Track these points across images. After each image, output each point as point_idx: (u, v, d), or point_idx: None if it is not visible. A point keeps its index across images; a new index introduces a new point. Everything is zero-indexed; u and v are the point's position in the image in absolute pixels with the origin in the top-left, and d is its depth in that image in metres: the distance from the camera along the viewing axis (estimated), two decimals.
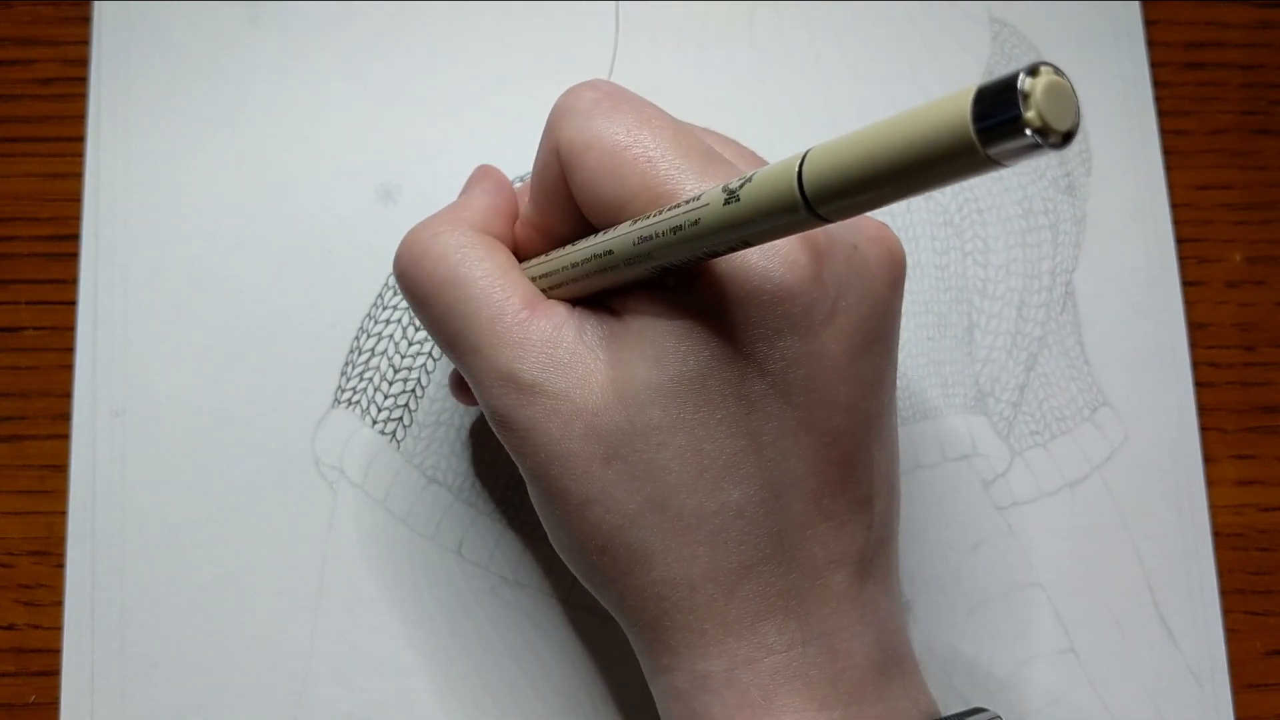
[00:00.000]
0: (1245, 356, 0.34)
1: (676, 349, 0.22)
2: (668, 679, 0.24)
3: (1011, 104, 0.14)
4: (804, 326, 0.22)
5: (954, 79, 0.35)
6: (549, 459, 0.23)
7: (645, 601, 0.23)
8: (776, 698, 0.22)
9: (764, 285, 0.22)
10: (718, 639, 0.23)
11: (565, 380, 0.23)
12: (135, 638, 0.29)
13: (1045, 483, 0.32)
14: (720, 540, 0.22)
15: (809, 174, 0.17)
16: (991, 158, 0.15)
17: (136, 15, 0.33)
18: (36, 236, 0.32)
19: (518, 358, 0.23)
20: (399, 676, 0.30)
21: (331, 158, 0.32)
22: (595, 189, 0.23)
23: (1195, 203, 0.35)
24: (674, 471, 0.22)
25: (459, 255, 0.24)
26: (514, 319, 0.23)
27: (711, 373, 0.22)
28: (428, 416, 0.31)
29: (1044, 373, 0.33)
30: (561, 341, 0.23)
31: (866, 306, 0.23)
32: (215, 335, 0.31)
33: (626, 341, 0.23)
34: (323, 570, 0.30)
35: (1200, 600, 0.32)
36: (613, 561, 0.23)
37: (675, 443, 0.22)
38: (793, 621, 0.23)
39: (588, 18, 0.34)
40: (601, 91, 0.23)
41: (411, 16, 0.34)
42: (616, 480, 0.23)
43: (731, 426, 0.22)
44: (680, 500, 0.22)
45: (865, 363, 0.23)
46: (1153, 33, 0.35)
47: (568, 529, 0.24)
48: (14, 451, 0.31)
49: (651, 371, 0.22)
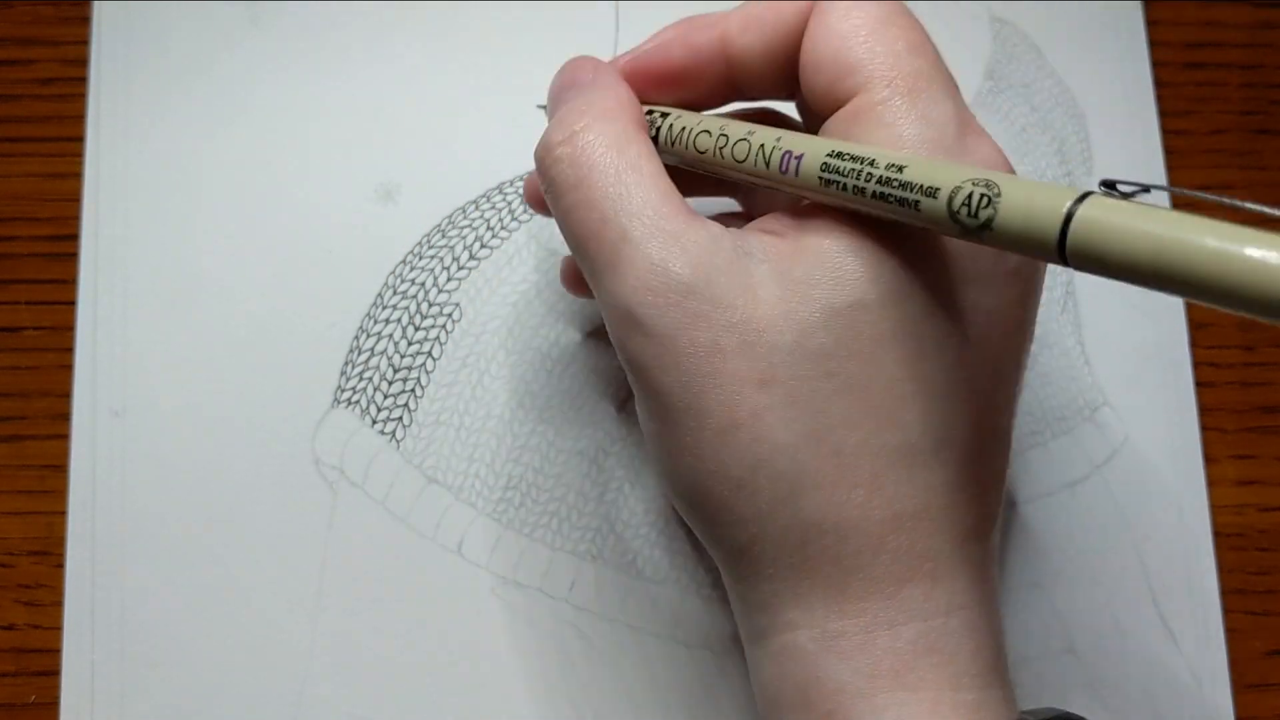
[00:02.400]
0: (1245, 356, 0.34)
1: (861, 273, 0.20)
2: (790, 637, 0.21)
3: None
4: (991, 281, 0.21)
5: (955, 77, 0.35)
6: (691, 374, 0.21)
7: (784, 547, 0.21)
8: (912, 670, 0.21)
9: None
10: (858, 596, 0.21)
11: (724, 285, 0.21)
12: (135, 638, 0.29)
13: (1046, 483, 0.32)
14: (878, 485, 0.21)
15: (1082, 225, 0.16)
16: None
17: (136, 15, 0.33)
18: (36, 236, 0.32)
19: (673, 252, 0.21)
20: (399, 676, 0.30)
21: (331, 158, 0.32)
22: (846, 40, 0.21)
23: (1195, 203, 0.34)
24: (840, 403, 0.20)
25: (624, 142, 0.22)
26: (675, 216, 0.21)
27: (893, 305, 0.20)
28: (427, 416, 0.31)
29: (1044, 372, 0.33)
30: (721, 248, 0.21)
31: (1039, 279, 0.22)
32: (215, 335, 0.31)
33: (800, 259, 0.21)
34: (323, 570, 0.30)
35: (1200, 600, 0.32)
36: (750, 497, 0.21)
37: (845, 372, 0.20)
38: (939, 588, 0.21)
39: (587, 18, 0.34)
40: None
41: (411, 16, 0.34)
42: (771, 405, 0.20)
43: (905, 367, 0.21)
44: (842, 436, 0.20)
45: (1026, 335, 0.22)
46: (1153, 33, 0.35)
47: (698, 458, 0.21)
48: (14, 451, 0.31)
49: (830, 293, 0.20)
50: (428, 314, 0.32)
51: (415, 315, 0.32)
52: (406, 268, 0.32)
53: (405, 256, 0.32)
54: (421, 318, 0.32)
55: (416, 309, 0.32)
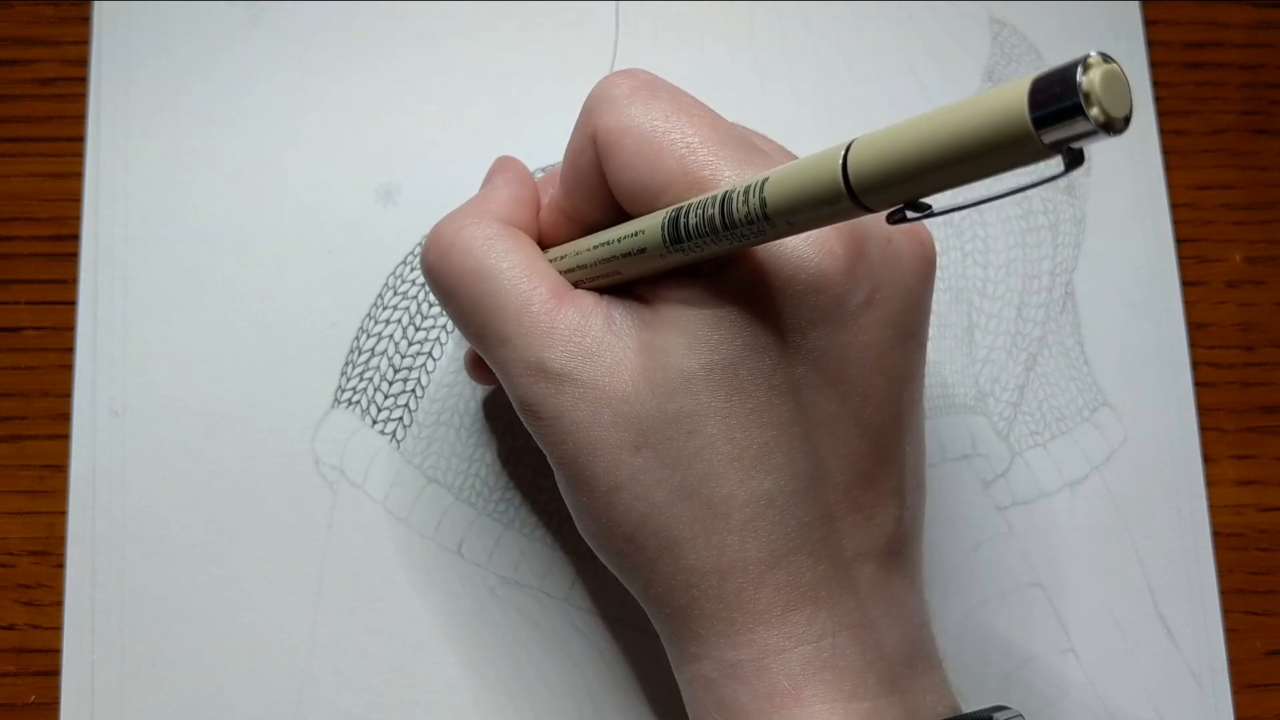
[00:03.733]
0: (1245, 356, 0.34)
1: (710, 337, 0.22)
2: (696, 667, 0.23)
3: (1070, 90, 0.15)
4: (837, 317, 0.22)
5: (954, 79, 0.35)
6: (577, 446, 0.23)
7: (673, 590, 0.23)
8: (806, 687, 0.22)
9: (799, 275, 0.22)
10: (747, 628, 0.22)
11: (594, 368, 0.23)
12: (135, 638, 0.29)
13: (1045, 483, 0.32)
14: (750, 529, 0.22)
15: (854, 162, 0.17)
16: (1047, 145, 0.15)
17: (136, 15, 0.33)
18: (36, 236, 0.32)
19: (546, 347, 0.23)
20: (399, 676, 0.30)
21: (331, 158, 0.32)
22: (632, 174, 0.23)
23: (1195, 203, 0.35)
24: (704, 459, 0.22)
25: (485, 247, 0.24)
26: (541, 309, 0.23)
27: (744, 361, 0.22)
28: (428, 416, 0.31)
29: (1044, 373, 0.33)
30: (589, 330, 0.23)
31: (900, 300, 0.23)
32: (215, 335, 0.31)
33: (657, 328, 0.23)
34: (323, 570, 0.30)
35: (1200, 600, 0.32)
36: (640, 549, 0.23)
37: (706, 431, 0.22)
38: (822, 612, 0.22)
39: (588, 18, 0.34)
40: (639, 80, 0.23)
41: (412, 16, 0.34)
42: (645, 467, 0.22)
43: (763, 416, 0.22)
44: (710, 489, 0.22)
45: (898, 355, 0.23)
46: (1152, 33, 0.35)
47: (595, 516, 0.24)
48: (14, 451, 0.31)
49: (684, 359, 0.22)
50: (428, 314, 0.32)
51: (415, 316, 0.32)
52: (407, 268, 0.32)
53: (405, 257, 0.32)
54: (422, 318, 0.32)
55: (417, 309, 0.32)
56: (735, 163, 0.22)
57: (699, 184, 0.22)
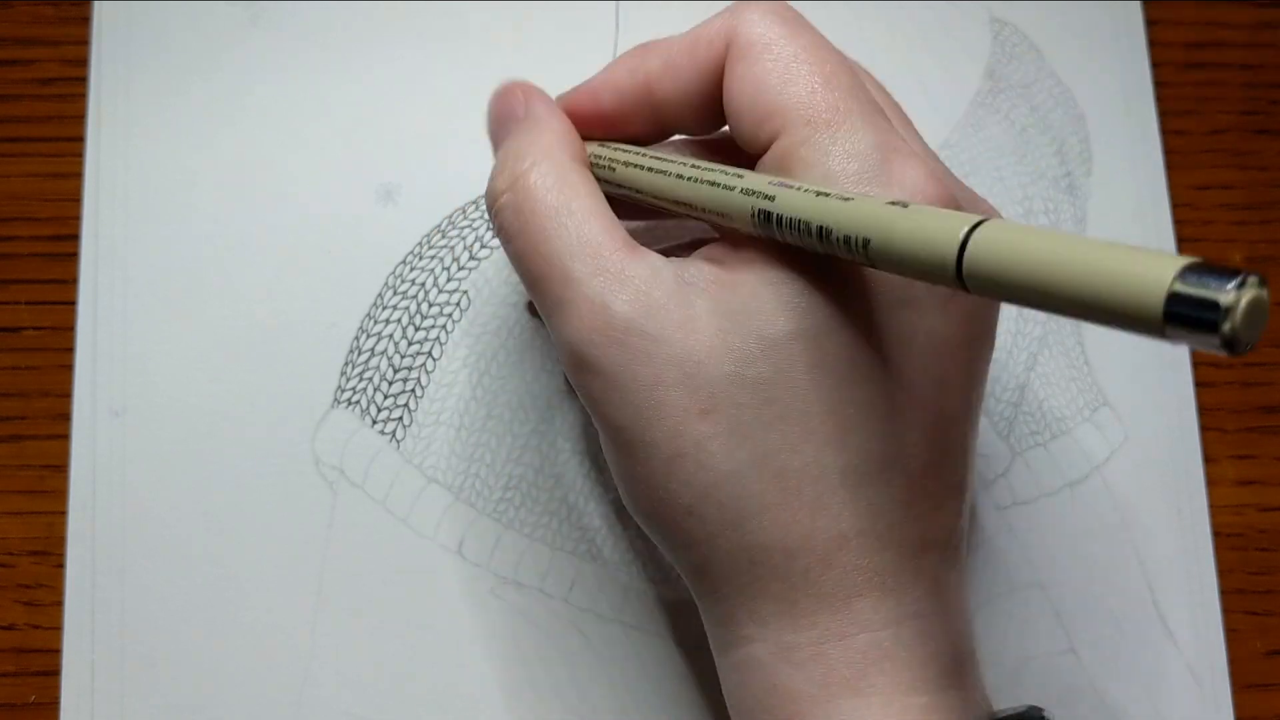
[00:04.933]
0: (1245, 356, 0.34)
1: (796, 303, 0.21)
2: (747, 649, 0.23)
3: (1211, 320, 0.14)
4: (926, 302, 0.22)
5: (954, 79, 0.35)
6: (637, 408, 0.22)
7: (735, 567, 0.22)
8: (865, 677, 0.21)
9: None
10: (809, 611, 0.22)
11: (664, 322, 0.22)
12: (135, 638, 0.29)
13: (1045, 483, 0.32)
14: (821, 507, 0.21)
15: (975, 250, 0.17)
16: (1166, 336, 0.15)
17: (136, 15, 0.33)
18: (36, 236, 0.32)
19: (614, 290, 0.22)
20: (399, 676, 0.30)
21: (331, 158, 0.32)
22: (755, 88, 0.22)
23: (1195, 203, 0.35)
24: (778, 431, 0.21)
25: (559, 186, 0.23)
26: (613, 254, 0.22)
27: (829, 334, 0.21)
28: (428, 416, 0.31)
29: (1044, 373, 0.33)
30: (661, 283, 0.22)
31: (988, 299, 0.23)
32: (215, 335, 0.31)
33: (737, 290, 0.22)
34: (322, 570, 0.30)
35: (1200, 600, 0.32)
36: (699, 523, 0.22)
37: (783, 400, 0.21)
38: (889, 599, 0.22)
39: (587, 18, 0.34)
40: (791, 11, 0.23)
41: (411, 16, 0.34)
42: (713, 435, 0.21)
43: (843, 392, 0.21)
44: (782, 461, 0.21)
45: (975, 350, 0.23)
46: (1153, 33, 0.35)
47: (651, 486, 0.22)
48: (14, 451, 0.31)
49: (766, 324, 0.21)
50: (428, 314, 0.32)
51: (415, 315, 0.32)
52: (407, 268, 0.32)
53: (405, 257, 0.32)
54: (422, 318, 0.32)
55: (417, 309, 0.32)
56: (857, 119, 0.21)
57: (813, 124, 0.21)
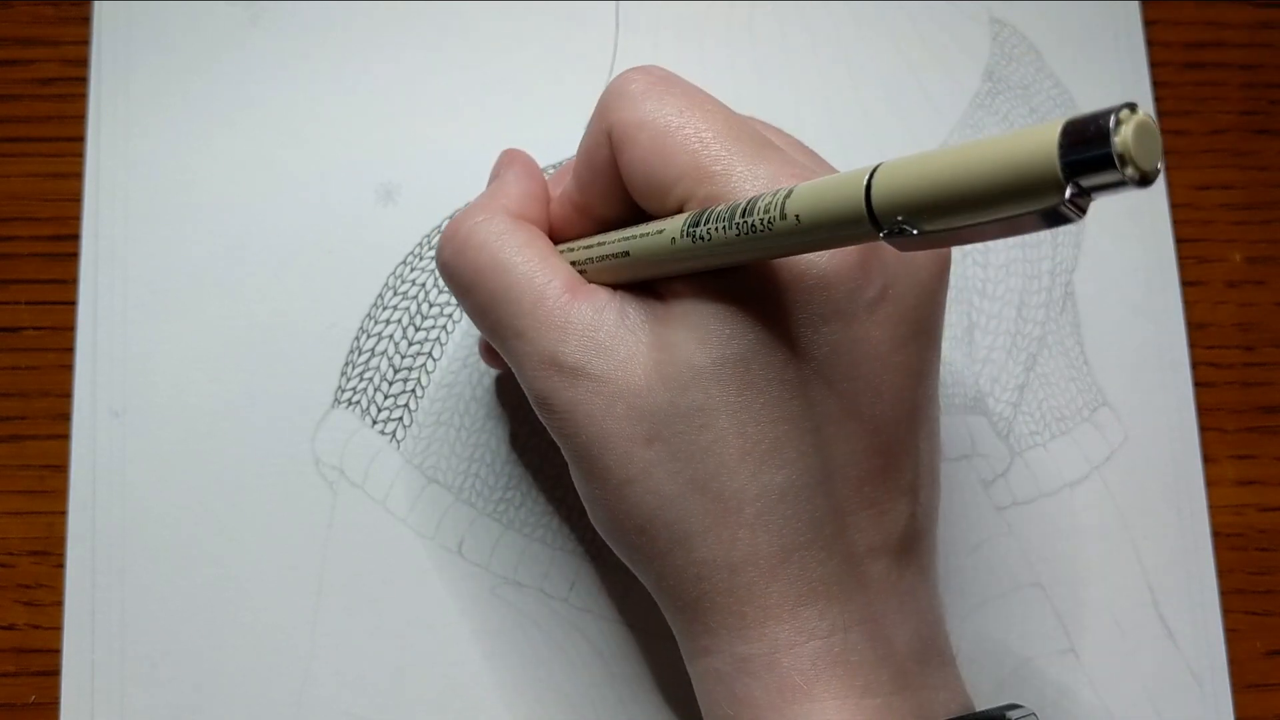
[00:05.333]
0: (1245, 356, 0.34)
1: (721, 331, 0.22)
2: (707, 661, 0.24)
3: (1102, 138, 0.14)
4: (849, 313, 0.22)
5: (954, 79, 0.35)
6: (590, 439, 0.23)
7: (684, 583, 0.23)
8: (818, 683, 0.22)
9: (811, 270, 0.22)
10: (758, 622, 0.23)
11: (607, 362, 0.23)
12: (135, 638, 0.29)
13: (1045, 483, 0.32)
14: (761, 524, 0.22)
15: (879, 190, 0.17)
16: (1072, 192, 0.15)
17: (136, 15, 0.33)
18: (36, 236, 0.32)
19: (560, 341, 0.23)
20: (399, 676, 0.30)
21: (331, 158, 0.32)
22: (645, 168, 0.23)
23: (1195, 203, 0.35)
24: (715, 454, 0.22)
25: (500, 242, 0.24)
26: (555, 303, 0.24)
27: (756, 356, 0.22)
28: (428, 416, 0.31)
29: (1043, 373, 0.33)
30: (603, 325, 0.23)
31: (913, 295, 0.23)
32: (215, 335, 0.31)
33: (670, 324, 0.23)
34: (323, 570, 0.30)
35: (1200, 600, 0.32)
36: (651, 541, 0.23)
37: (718, 425, 0.22)
38: (834, 607, 0.22)
39: (588, 18, 0.34)
40: (654, 76, 0.24)
41: (411, 16, 0.34)
42: (657, 461, 0.23)
43: (775, 411, 0.22)
44: (721, 482, 0.22)
45: (911, 351, 0.23)
46: (1152, 33, 0.35)
47: (608, 508, 0.24)
48: (14, 451, 0.31)
49: (695, 353, 0.22)
50: (428, 314, 0.32)
51: (415, 316, 0.32)
52: (407, 268, 0.32)
53: (405, 257, 0.32)
54: (422, 318, 0.32)
55: (417, 309, 0.32)
56: (747, 159, 0.22)
57: (709, 179, 0.22)
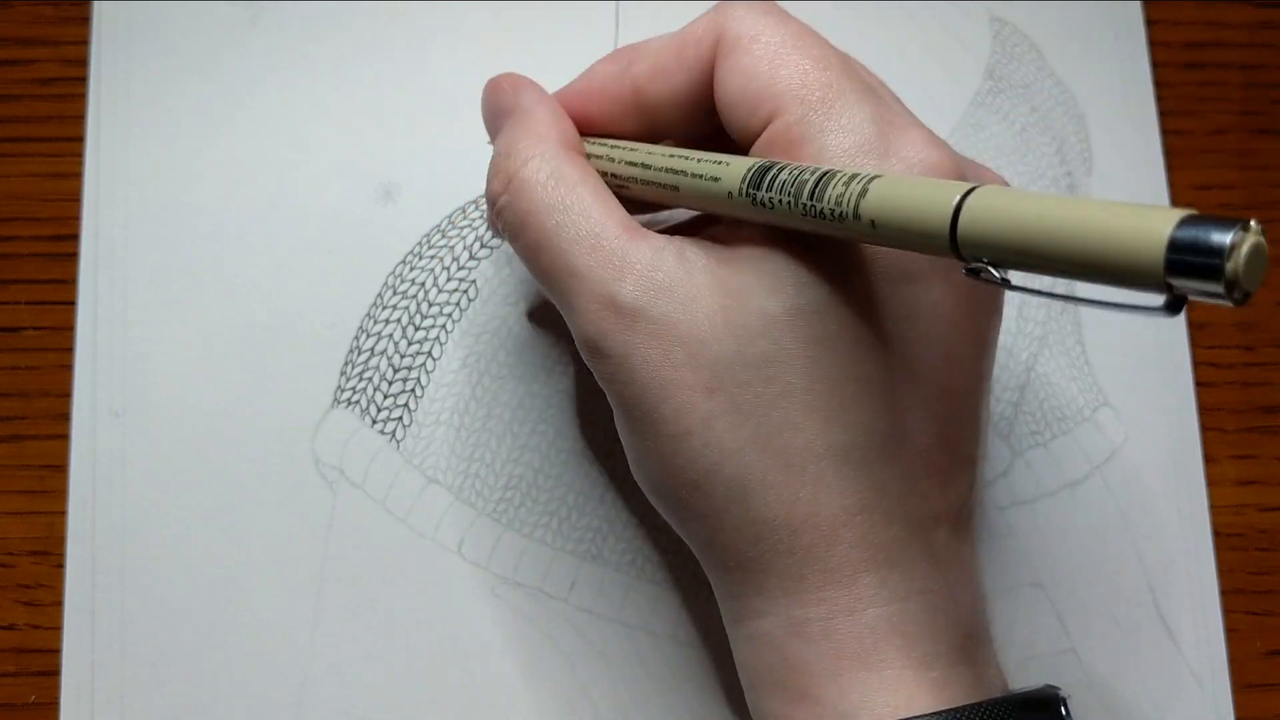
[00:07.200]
0: (1245, 356, 0.34)
1: (796, 280, 0.21)
2: (758, 623, 0.23)
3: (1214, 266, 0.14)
4: (929, 276, 0.22)
5: (954, 79, 0.35)
6: (645, 387, 0.22)
7: (740, 542, 0.22)
8: (875, 651, 0.22)
9: None
10: (817, 586, 0.22)
11: (668, 304, 0.22)
12: (135, 638, 0.29)
13: (1046, 483, 0.32)
14: (824, 484, 0.22)
15: (969, 215, 0.17)
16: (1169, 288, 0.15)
17: (136, 15, 0.33)
18: (36, 236, 0.32)
19: (618, 279, 0.22)
20: (399, 677, 0.30)
21: (331, 157, 0.32)
22: (747, 78, 0.22)
23: (1196, 203, 0.35)
24: (781, 408, 0.21)
25: (554, 180, 0.24)
26: (614, 242, 0.23)
27: (830, 308, 0.21)
28: (428, 416, 0.31)
29: (1044, 373, 0.33)
30: (662, 265, 0.22)
31: None
32: (215, 335, 0.31)
33: (738, 268, 0.22)
34: (323, 570, 0.30)
35: (1200, 600, 0.32)
36: (705, 498, 0.22)
37: (785, 378, 0.21)
38: (895, 574, 0.22)
39: (588, 18, 0.34)
40: (773, 4, 0.24)
41: (412, 16, 0.34)
42: (718, 412, 0.22)
43: (846, 368, 0.21)
44: (785, 439, 0.22)
45: (980, 320, 0.23)
46: (1153, 32, 0.35)
47: (661, 462, 0.23)
48: (14, 451, 0.31)
49: (767, 301, 0.21)
50: (428, 314, 0.32)
51: (415, 315, 0.32)
52: (406, 268, 0.32)
53: (405, 256, 0.32)
54: (422, 318, 0.32)
55: (417, 309, 0.32)
56: (851, 95, 0.22)
57: (809, 105, 0.21)
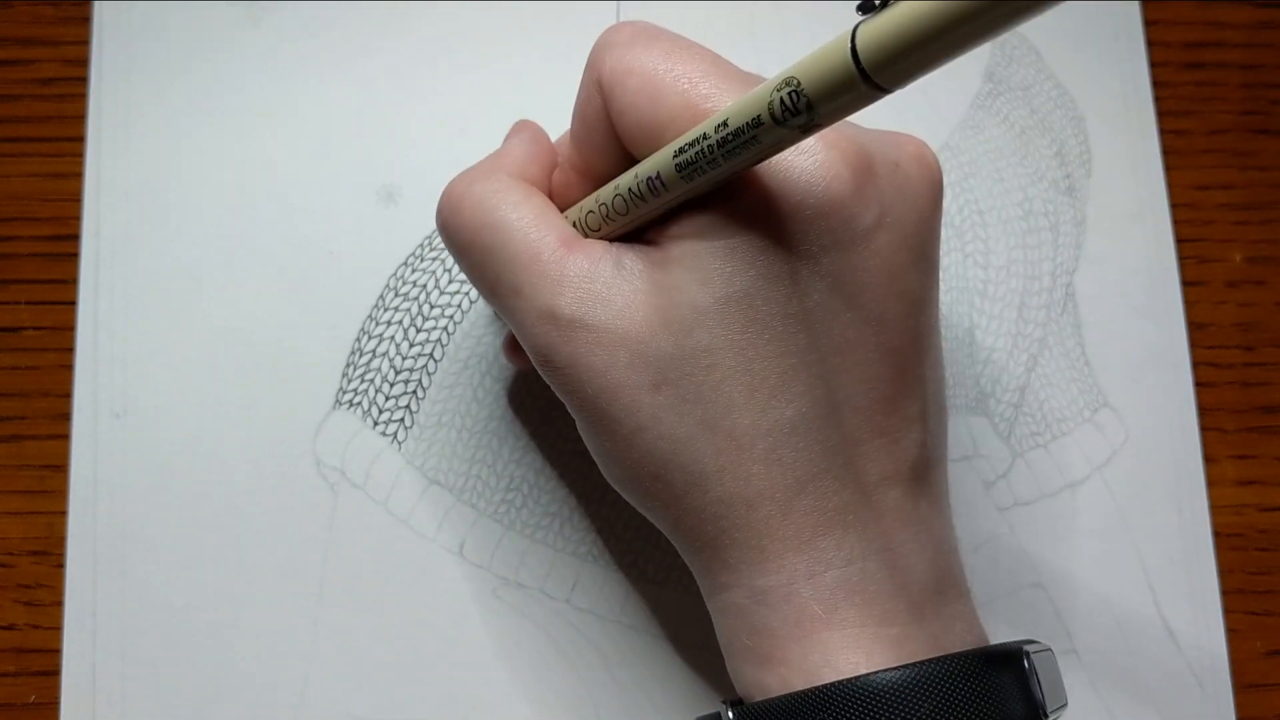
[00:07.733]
0: (1245, 356, 0.34)
1: (722, 269, 0.22)
2: (727, 596, 0.24)
3: None
4: (848, 240, 0.22)
5: (954, 80, 0.35)
6: (596, 392, 0.23)
7: (702, 522, 0.23)
8: (837, 611, 0.22)
9: (807, 200, 0.22)
10: (776, 554, 0.23)
11: (606, 312, 0.23)
12: (136, 638, 0.29)
13: (1046, 483, 0.32)
14: (775, 457, 0.22)
15: (863, 44, 0.17)
16: None
17: (136, 15, 0.33)
18: (36, 236, 0.32)
19: (556, 294, 0.23)
20: (399, 677, 0.30)
21: (332, 158, 0.32)
22: (636, 114, 0.23)
23: (1195, 203, 0.35)
24: (724, 392, 0.22)
25: (494, 200, 0.25)
26: (550, 257, 0.24)
27: (758, 291, 0.22)
28: (429, 418, 0.31)
29: (1045, 374, 0.33)
30: (599, 275, 0.23)
31: (910, 222, 0.23)
32: (215, 336, 0.31)
33: (668, 267, 0.23)
34: (324, 571, 0.30)
35: (1200, 600, 0.32)
36: (667, 486, 0.23)
37: (724, 363, 0.22)
38: (851, 535, 0.23)
39: (588, 18, 0.34)
40: (639, 26, 0.24)
41: (412, 17, 0.34)
42: (666, 405, 0.23)
43: (781, 344, 0.22)
44: (732, 420, 0.22)
45: (912, 278, 0.23)
46: (1153, 33, 0.35)
47: (620, 458, 0.24)
48: (14, 451, 0.31)
49: (697, 294, 0.22)
50: (429, 315, 0.32)
51: (417, 317, 0.32)
52: (408, 269, 0.32)
53: (406, 258, 0.32)
54: (423, 319, 0.32)
55: (418, 311, 0.32)
56: (737, 94, 0.22)
57: (701, 116, 0.22)
